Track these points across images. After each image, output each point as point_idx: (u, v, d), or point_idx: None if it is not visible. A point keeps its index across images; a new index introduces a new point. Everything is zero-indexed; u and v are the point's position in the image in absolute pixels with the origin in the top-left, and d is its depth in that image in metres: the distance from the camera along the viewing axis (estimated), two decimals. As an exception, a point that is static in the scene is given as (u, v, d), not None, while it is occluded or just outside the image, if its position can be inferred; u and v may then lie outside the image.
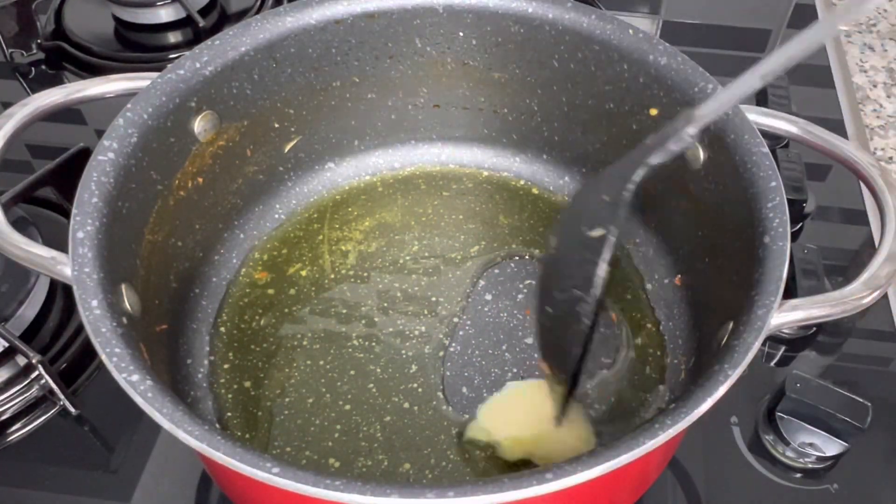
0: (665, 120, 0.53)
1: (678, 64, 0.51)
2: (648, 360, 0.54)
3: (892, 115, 0.83)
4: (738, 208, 0.46)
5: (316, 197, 0.63)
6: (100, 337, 0.38)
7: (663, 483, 0.51)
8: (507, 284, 0.58)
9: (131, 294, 0.45)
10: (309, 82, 0.58)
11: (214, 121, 0.53)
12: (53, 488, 0.51)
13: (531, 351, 0.54)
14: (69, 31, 0.83)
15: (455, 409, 0.51)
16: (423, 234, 0.61)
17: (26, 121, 0.48)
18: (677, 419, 0.36)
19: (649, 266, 0.58)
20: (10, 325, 0.54)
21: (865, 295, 0.42)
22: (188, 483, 0.51)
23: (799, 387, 0.51)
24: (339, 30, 0.56)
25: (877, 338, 0.60)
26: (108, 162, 0.45)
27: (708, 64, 0.51)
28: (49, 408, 0.54)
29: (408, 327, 0.55)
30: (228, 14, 0.85)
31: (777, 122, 0.50)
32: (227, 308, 0.56)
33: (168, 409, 0.36)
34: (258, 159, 0.59)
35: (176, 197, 0.52)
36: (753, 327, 0.39)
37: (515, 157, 0.65)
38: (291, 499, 0.35)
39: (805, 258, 0.59)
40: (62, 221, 0.62)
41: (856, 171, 0.48)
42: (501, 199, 0.63)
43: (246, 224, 0.60)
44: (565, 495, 0.35)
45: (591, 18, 0.54)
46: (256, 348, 0.54)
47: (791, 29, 0.87)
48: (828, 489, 0.51)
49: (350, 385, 0.52)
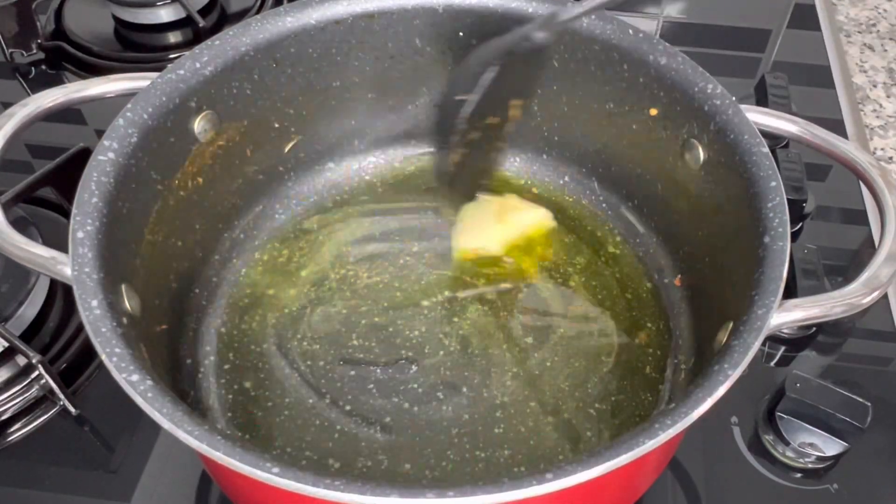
0: (665, 120, 0.53)
1: (678, 64, 0.51)
2: (648, 360, 0.54)
3: (892, 115, 0.83)
4: (738, 208, 0.46)
5: (316, 197, 0.63)
6: (100, 337, 0.38)
7: (663, 483, 0.51)
8: (507, 284, 0.58)
9: (131, 294, 0.45)
10: (309, 82, 0.58)
11: (214, 121, 0.53)
12: (53, 488, 0.51)
13: (531, 350, 0.54)
14: (69, 31, 0.83)
15: (455, 409, 0.51)
16: (424, 234, 0.61)
17: (26, 121, 0.48)
18: (677, 419, 0.36)
19: (649, 266, 0.58)
20: (10, 325, 0.54)
21: (865, 295, 0.42)
22: (188, 483, 0.51)
23: (799, 387, 0.51)
24: (339, 30, 0.56)
25: (877, 338, 0.60)
26: (108, 162, 0.45)
27: (708, 64, 0.51)
28: (49, 408, 0.54)
29: (408, 327, 0.55)
30: (228, 14, 0.85)
31: (777, 122, 0.50)
32: (227, 308, 0.56)
33: (168, 409, 0.36)
34: (258, 159, 0.59)
35: (176, 197, 0.52)
36: (753, 327, 0.39)
37: (515, 157, 0.65)
38: (291, 499, 0.35)
39: (805, 258, 0.59)
40: (62, 221, 0.62)
41: (856, 171, 0.48)
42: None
43: (246, 224, 0.60)
44: (565, 495, 0.35)
45: (591, 18, 0.54)
46: (256, 348, 0.54)
47: (791, 29, 0.87)
48: (828, 489, 0.51)
49: (350, 385, 0.52)
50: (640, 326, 0.56)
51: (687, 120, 0.51)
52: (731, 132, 0.48)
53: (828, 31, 0.86)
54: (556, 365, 0.53)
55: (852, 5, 1.01)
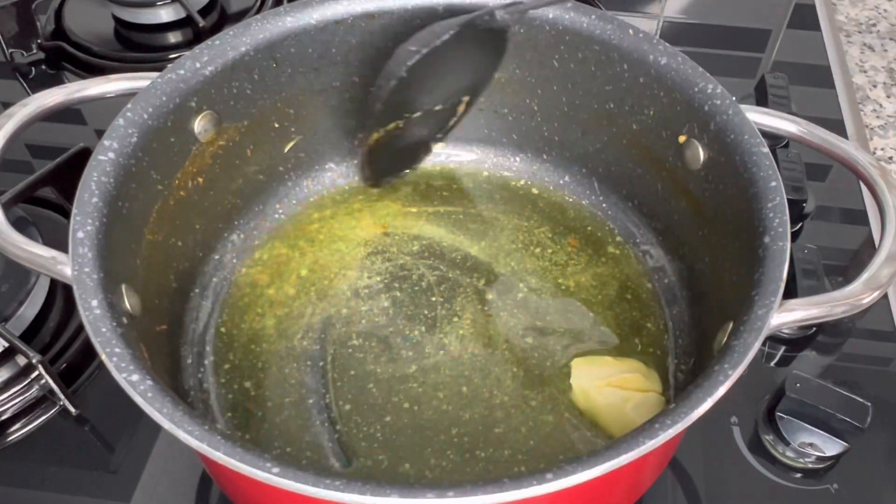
0: (665, 120, 0.53)
1: (678, 64, 0.51)
2: (648, 360, 0.54)
3: (892, 115, 0.83)
4: (738, 208, 0.46)
5: (316, 197, 0.63)
6: (100, 337, 0.38)
7: (663, 483, 0.51)
8: (506, 284, 0.58)
9: (131, 294, 0.45)
10: (309, 82, 0.58)
11: (214, 121, 0.53)
12: (53, 488, 0.51)
13: (531, 350, 0.54)
14: (69, 31, 0.83)
15: (455, 409, 0.51)
16: (423, 234, 0.61)
17: (26, 121, 0.48)
18: (677, 419, 0.36)
19: (649, 266, 0.58)
20: (10, 325, 0.54)
21: (865, 295, 0.42)
22: (188, 483, 0.51)
23: (799, 387, 0.51)
24: (339, 30, 0.56)
25: (877, 338, 0.60)
26: (109, 162, 0.45)
27: (708, 64, 0.51)
28: (49, 408, 0.54)
29: (408, 327, 0.55)
30: (228, 14, 0.85)
31: (777, 122, 0.50)
32: (227, 308, 0.56)
33: (168, 409, 0.36)
34: (258, 159, 0.59)
35: (176, 197, 0.52)
36: (753, 327, 0.39)
37: (515, 157, 0.65)
38: (291, 499, 0.35)
39: (805, 258, 0.59)
40: (62, 221, 0.62)
41: (856, 171, 0.48)
42: (501, 199, 0.63)
43: (246, 224, 0.60)
44: (565, 495, 0.35)
45: (591, 18, 0.54)
46: (256, 348, 0.54)
47: (791, 29, 0.87)
48: (828, 489, 0.51)
49: (350, 385, 0.52)
50: (640, 326, 0.56)
51: (687, 120, 0.51)
52: (731, 132, 0.48)
53: (828, 31, 0.86)
54: (556, 365, 0.53)
55: (852, 5, 1.01)
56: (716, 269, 0.50)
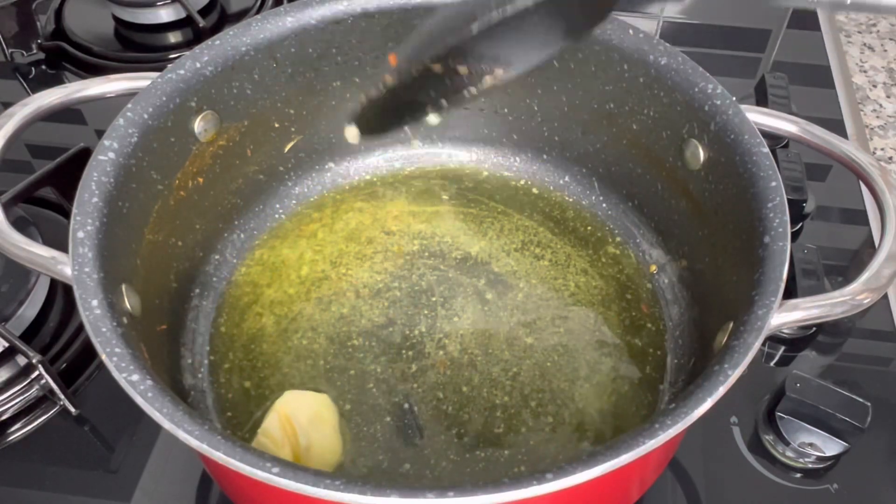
0: (665, 120, 0.53)
1: (678, 64, 0.51)
2: (648, 360, 0.54)
3: (892, 115, 0.83)
4: (738, 208, 0.46)
5: (316, 197, 0.63)
6: (100, 337, 0.38)
7: (663, 483, 0.51)
8: (506, 284, 0.58)
9: (131, 294, 0.45)
10: (309, 82, 0.58)
11: (215, 121, 0.53)
12: (53, 488, 0.51)
13: (531, 350, 0.54)
14: (69, 31, 0.83)
15: (455, 409, 0.51)
16: (424, 234, 0.61)
17: (26, 121, 0.48)
18: (677, 419, 0.36)
19: (649, 266, 0.58)
20: (10, 325, 0.54)
21: (865, 295, 0.42)
22: (188, 483, 0.51)
23: (799, 387, 0.51)
24: (339, 30, 0.56)
25: (877, 338, 0.60)
26: (109, 162, 0.45)
27: (708, 64, 0.51)
28: (49, 408, 0.54)
29: (408, 327, 0.55)
30: (228, 14, 0.85)
31: (777, 122, 0.50)
32: (227, 308, 0.56)
33: (168, 409, 0.36)
34: (258, 159, 0.59)
35: (176, 197, 0.52)
36: (753, 327, 0.39)
37: (515, 157, 0.65)
38: (291, 499, 0.35)
39: (805, 258, 0.59)
40: (62, 221, 0.62)
41: (856, 171, 0.48)
42: (501, 199, 0.63)
43: (246, 224, 0.60)
44: (565, 495, 0.35)
45: (591, 18, 0.54)
46: (256, 348, 0.54)
47: (791, 29, 0.87)
48: (828, 489, 0.51)
49: (350, 385, 0.52)
50: (641, 327, 0.56)
51: (687, 120, 0.51)
52: (731, 132, 0.48)
53: (828, 31, 0.86)
54: (556, 365, 0.53)
55: (852, 5, 1.01)
56: (716, 269, 0.50)
